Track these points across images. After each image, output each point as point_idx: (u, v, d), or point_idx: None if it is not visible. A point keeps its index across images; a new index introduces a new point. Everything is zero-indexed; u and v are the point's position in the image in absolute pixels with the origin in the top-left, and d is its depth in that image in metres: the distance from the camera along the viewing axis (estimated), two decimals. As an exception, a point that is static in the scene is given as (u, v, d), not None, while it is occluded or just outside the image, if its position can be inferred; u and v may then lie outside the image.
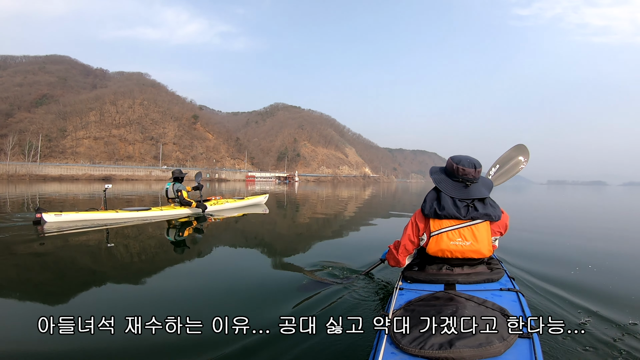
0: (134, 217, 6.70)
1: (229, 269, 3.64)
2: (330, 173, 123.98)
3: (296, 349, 1.80)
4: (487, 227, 1.84)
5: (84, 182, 40.17)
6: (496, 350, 1.19)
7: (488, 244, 1.84)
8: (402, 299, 1.71)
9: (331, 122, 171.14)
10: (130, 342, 1.84)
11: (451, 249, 1.83)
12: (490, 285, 1.83)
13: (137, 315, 1.72)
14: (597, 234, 6.69)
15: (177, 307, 2.42)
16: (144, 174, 66.42)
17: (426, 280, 1.90)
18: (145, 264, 3.82)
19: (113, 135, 77.55)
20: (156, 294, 2.77)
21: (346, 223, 7.77)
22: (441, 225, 1.86)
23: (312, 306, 2.39)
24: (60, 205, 9.52)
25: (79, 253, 4.21)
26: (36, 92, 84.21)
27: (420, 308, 1.50)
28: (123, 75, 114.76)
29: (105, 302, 2.57)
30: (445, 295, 1.61)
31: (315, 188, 33.13)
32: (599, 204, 17.80)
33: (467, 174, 1.90)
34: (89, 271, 3.44)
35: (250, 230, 6.44)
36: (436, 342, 1.22)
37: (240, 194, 15.58)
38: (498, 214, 1.86)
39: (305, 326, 1.74)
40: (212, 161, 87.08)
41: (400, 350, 1.26)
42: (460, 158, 1.97)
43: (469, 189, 1.90)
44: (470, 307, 1.43)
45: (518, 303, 1.61)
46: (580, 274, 3.37)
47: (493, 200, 1.93)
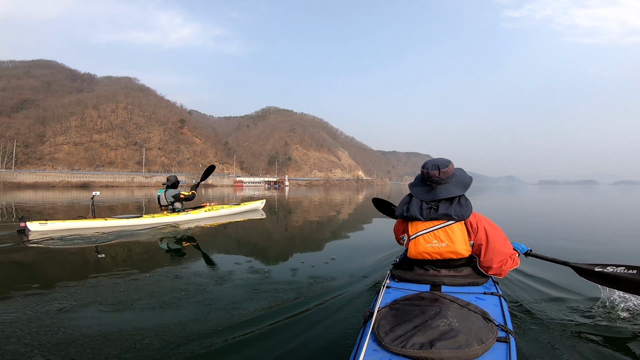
0: (124, 225, 6.36)
1: (223, 273, 3.49)
2: (323, 177, 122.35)
3: (283, 345, 1.86)
4: (461, 227, 1.88)
5: (60, 189, 39.32)
6: (474, 352, 1.21)
7: (464, 244, 1.87)
8: (388, 297, 1.73)
9: (324, 125, 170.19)
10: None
11: (429, 251, 1.89)
12: (475, 288, 1.85)
13: (135, 333, 1.86)
14: (587, 232, 6.65)
15: (177, 321, 2.24)
16: (126, 181, 63.87)
17: (413, 280, 1.94)
18: (139, 276, 3.43)
19: (94, 140, 74.91)
20: (154, 307, 2.53)
21: (341, 226, 7.61)
22: (417, 229, 1.92)
23: (303, 303, 2.43)
24: (38, 214, 8.90)
25: (67, 265, 3.92)
26: (18, 97, 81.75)
27: (405, 307, 1.52)
28: (111, 79, 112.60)
29: (98, 321, 2.28)
30: (431, 296, 1.63)
31: (306, 192, 32.60)
32: (590, 202, 17.94)
33: (432, 176, 1.98)
34: (78, 285, 3.06)
35: (247, 235, 6.20)
36: (417, 341, 1.24)
37: (236, 200, 15.74)
38: (463, 213, 1.87)
39: (294, 324, 1.98)
40: (199, 166, 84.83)
41: (382, 347, 1.27)
42: (426, 162, 2.07)
43: (435, 190, 1.97)
44: (454, 309, 1.44)
45: (499, 307, 1.64)
46: (566, 277, 3.15)
47: (467, 199, 1.95)
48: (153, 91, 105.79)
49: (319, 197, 22.59)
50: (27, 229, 5.59)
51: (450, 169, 2.01)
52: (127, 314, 2.38)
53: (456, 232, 1.85)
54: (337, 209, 12.13)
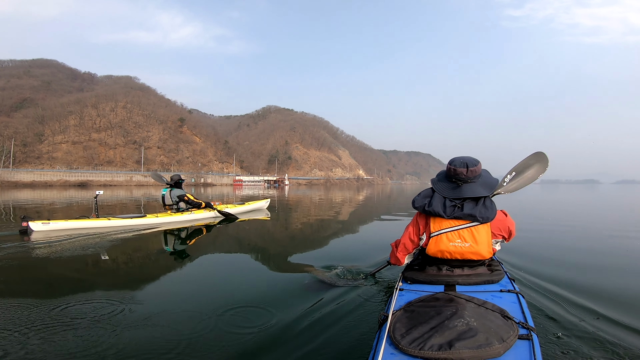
0: (128, 225, 6.23)
1: (233, 275, 3.47)
2: (323, 176, 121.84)
3: (299, 349, 1.82)
4: (486, 229, 1.84)
5: (58, 188, 39.53)
6: (495, 351, 1.18)
7: (488, 246, 1.83)
8: (402, 300, 1.70)
9: (324, 124, 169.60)
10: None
11: (450, 250, 1.84)
12: (491, 286, 1.82)
13: (141, 337, 1.85)
14: (595, 233, 6.51)
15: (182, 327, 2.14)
16: (124, 180, 63.50)
17: (426, 281, 1.90)
18: (144, 277, 3.40)
19: (93, 139, 74.46)
20: (162, 309, 2.43)
21: (345, 225, 7.59)
22: (441, 226, 1.86)
23: (316, 307, 2.37)
24: (36, 214, 8.74)
25: (70, 266, 3.79)
26: (18, 96, 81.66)
27: (420, 309, 1.49)
28: (111, 79, 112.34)
29: (101, 324, 2.17)
30: (445, 296, 1.59)
31: (307, 192, 32.38)
32: (593, 201, 17.76)
33: (459, 173, 1.93)
34: (81, 287, 2.97)
35: (252, 236, 6.09)
36: (436, 343, 1.22)
37: (236, 199, 15.62)
38: (488, 215, 1.82)
39: (309, 326, 1.99)
40: (198, 165, 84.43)
41: (400, 351, 1.25)
42: (454, 159, 2.01)
43: (461, 188, 1.92)
44: (470, 308, 1.41)
45: (518, 304, 1.60)
46: (581, 273, 3.33)
47: (492, 201, 1.91)
48: (153, 90, 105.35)
49: (320, 196, 22.27)
50: (30, 229, 5.46)
51: (478, 168, 1.96)
52: (132, 316, 2.27)
53: (482, 234, 1.81)
54: (339, 209, 11.95)
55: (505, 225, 1.92)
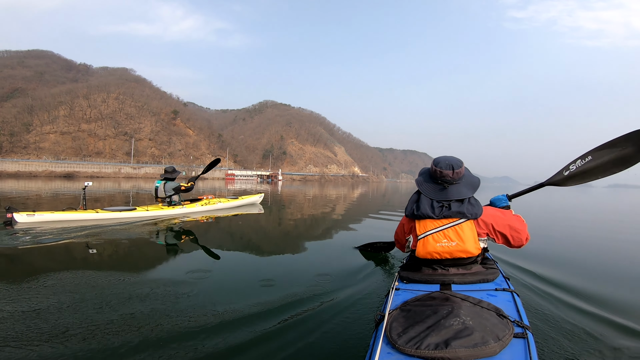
0: (117, 217, 6.06)
1: (224, 271, 3.34)
2: (318, 172, 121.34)
3: (292, 348, 1.81)
4: (470, 225, 1.85)
5: (43, 179, 38.55)
6: (491, 350, 1.19)
7: (474, 242, 1.85)
8: (398, 299, 1.70)
9: (321, 120, 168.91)
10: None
11: (438, 251, 1.85)
12: (486, 285, 1.83)
13: (127, 331, 1.81)
14: (589, 234, 6.56)
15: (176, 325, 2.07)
16: (112, 171, 62.09)
17: (422, 280, 1.92)
18: (132, 271, 3.20)
19: (82, 130, 72.85)
20: (149, 304, 2.37)
21: (340, 223, 7.40)
22: (426, 228, 1.88)
23: (311, 305, 2.35)
24: (21, 205, 8.44)
25: (55, 259, 3.61)
26: (9, 86, 79.79)
27: (416, 308, 1.50)
28: (106, 70, 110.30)
29: (85, 317, 2.12)
30: (441, 296, 1.61)
31: (301, 187, 32.03)
32: (586, 205, 17.71)
33: (445, 175, 1.93)
34: (66, 281, 2.81)
35: (245, 230, 6.00)
36: (432, 342, 1.23)
37: (229, 193, 15.42)
38: (475, 212, 1.85)
39: (302, 325, 1.98)
40: (190, 158, 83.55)
41: (396, 350, 1.25)
42: (439, 160, 2.01)
43: (447, 190, 1.92)
44: (466, 307, 1.42)
45: (513, 303, 1.62)
46: (575, 273, 3.34)
47: (476, 199, 1.93)
48: (149, 82, 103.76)
49: (313, 192, 22.05)
50: (14, 220, 5.32)
51: (462, 169, 1.97)
52: (119, 311, 2.19)
53: (466, 231, 1.83)
54: (333, 205, 11.90)
55: (503, 222, 1.90)
